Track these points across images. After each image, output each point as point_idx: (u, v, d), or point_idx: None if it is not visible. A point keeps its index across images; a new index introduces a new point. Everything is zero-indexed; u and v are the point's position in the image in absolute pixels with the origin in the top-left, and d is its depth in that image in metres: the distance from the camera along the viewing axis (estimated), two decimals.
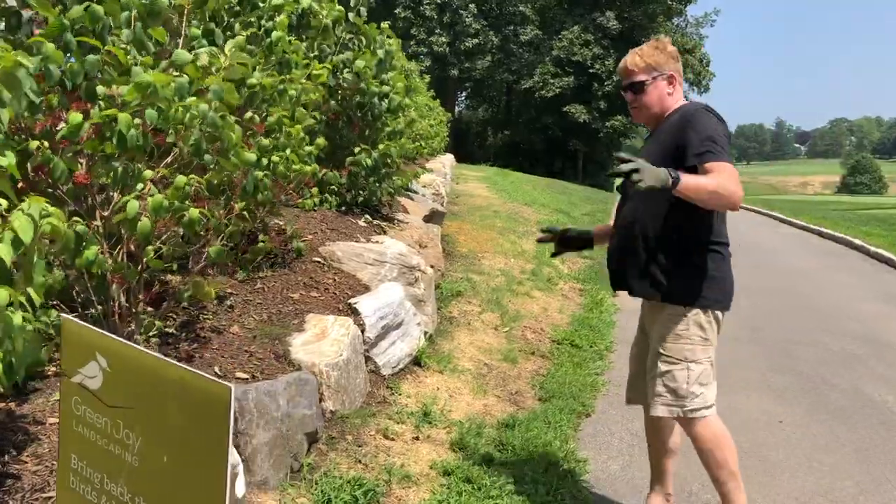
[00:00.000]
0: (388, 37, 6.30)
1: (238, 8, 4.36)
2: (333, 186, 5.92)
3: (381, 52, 5.97)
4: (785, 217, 16.16)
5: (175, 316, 3.70)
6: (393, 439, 3.67)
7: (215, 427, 1.20)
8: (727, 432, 2.84)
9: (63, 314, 1.61)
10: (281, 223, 4.72)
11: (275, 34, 4.31)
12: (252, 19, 4.46)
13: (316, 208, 5.71)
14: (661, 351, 2.79)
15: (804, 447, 4.00)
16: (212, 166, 3.30)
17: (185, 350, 3.38)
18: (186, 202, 2.99)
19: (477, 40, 34.24)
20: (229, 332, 3.68)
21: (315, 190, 4.82)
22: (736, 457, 2.83)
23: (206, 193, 3.44)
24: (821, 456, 3.89)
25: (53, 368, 2.99)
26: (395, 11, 32.75)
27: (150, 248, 3.05)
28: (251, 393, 2.97)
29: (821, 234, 13.50)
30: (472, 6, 34.11)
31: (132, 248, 3.16)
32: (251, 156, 3.29)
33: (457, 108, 42.63)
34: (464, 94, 45.00)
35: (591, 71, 35.37)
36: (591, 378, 4.97)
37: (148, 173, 2.93)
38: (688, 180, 2.49)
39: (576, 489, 3.45)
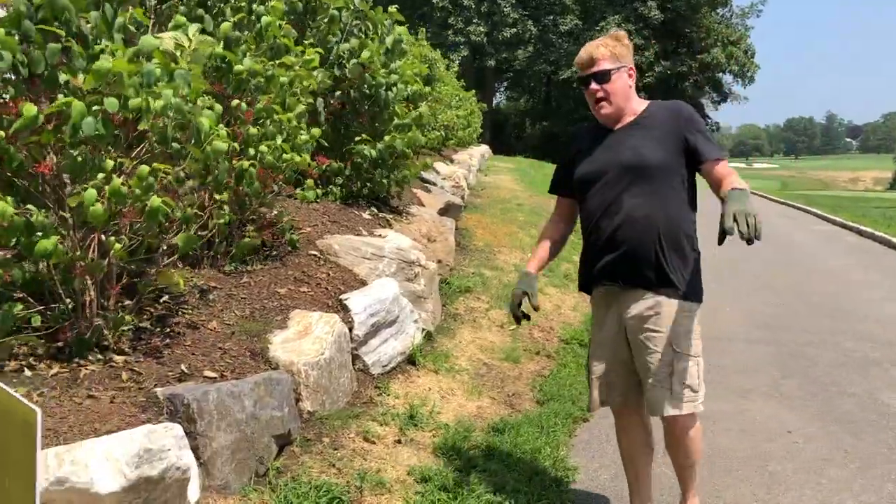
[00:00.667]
0: (397, 22, 6.13)
1: None
2: (339, 178, 5.79)
3: (388, 40, 5.81)
4: (823, 213, 15.63)
5: (152, 310, 3.60)
6: (373, 442, 3.53)
7: (25, 451, 1.08)
8: None
9: None
10: (275, 213, 4.59)
11: (264, 19, 4.18)
12: (242, 3, 4.33)
13: (318, 200, 5.59)
14: (677, 349, 2.72)
15: (807, 458, 3.76)
16: (186, 155, 3.19)
17: (156, 346, 3.27)
18: (151, 192, 2.88)
19: (515, 30, 33.81)
20: (206, 328, 3.57)
21: (310, 181, 4.68)
22: None
23: (182, 183, 3.34)
24: (824, 468, 3.64)
25: (14, 363, 2.90)
26: (433, 1, 32.50)
27: (112, 238, 2.95)
28: (212, 394, 2.85)
29: (860, 233, 13.00)
30: None
31: (103, 239, 3.07)
32: (222, 144, 3.16)
33: (495, 99, 42.31)
34: (504, 84, 44.63)
35: None
36: None
37: (109, 163, 2.83)
38: (742, 184, 2.56)
39: (559, 500, 3.27)
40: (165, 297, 3.76)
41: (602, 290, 2.92)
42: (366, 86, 5.65)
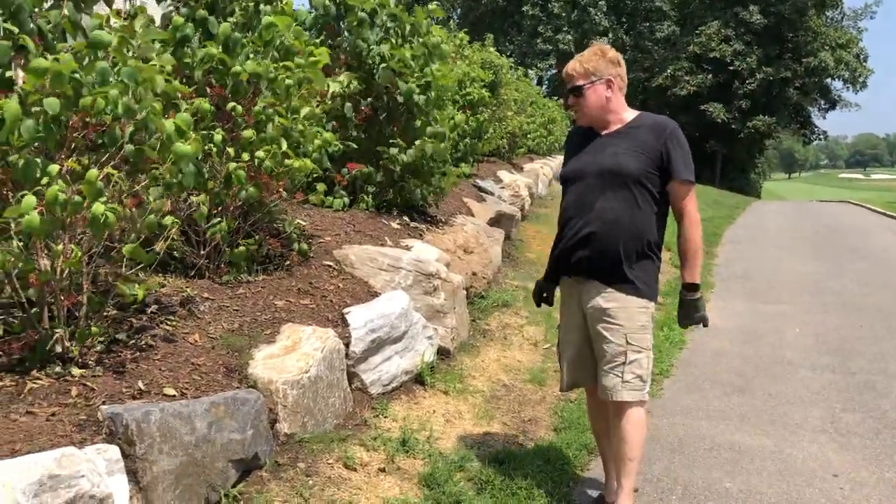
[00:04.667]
0: (434, 18, 5.88)
1: None
2: (370, 186, 5.59)
3: (423, 42, 5.56)
4: None
5: (134, 321, 3.46)
6: (354, 469, 3.27)
7: None
8: None
9: None
10: (283, 221, 4.41)
11: (265, 18, 4.00)
12: (250, 4, 4.17)
13: (345, 208, 5.40)
14: (630, 342, 2.94)
15: None
16: (150, 158, 3.03)
17: (124, 359, 3.11)
18: (101, 198, 2.72)
19: (606, 38, 33.07)
20: (186, 341, 3.39)
21: (322, 186, 4.48)
22: None
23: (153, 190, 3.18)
24: None
25: None
26: (524, 9, 32.17)
27: (60, 247, 2.79)
28: (154, 414, 2.65)
29: None
30: (601, 3, 32.96)
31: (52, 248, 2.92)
32: (185, 148, 2.96)
33: None
34: None
35: (730, 68, 33.40)
36: None
37: (54, 167, 2.68)
38: (693, 275, 3.04)
39: None
40: (153, 308, 3.62)
41: (569, 280, 3.15)
42: (397, 91, 5.42)
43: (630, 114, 3.08)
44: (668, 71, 33.66)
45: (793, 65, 34.02)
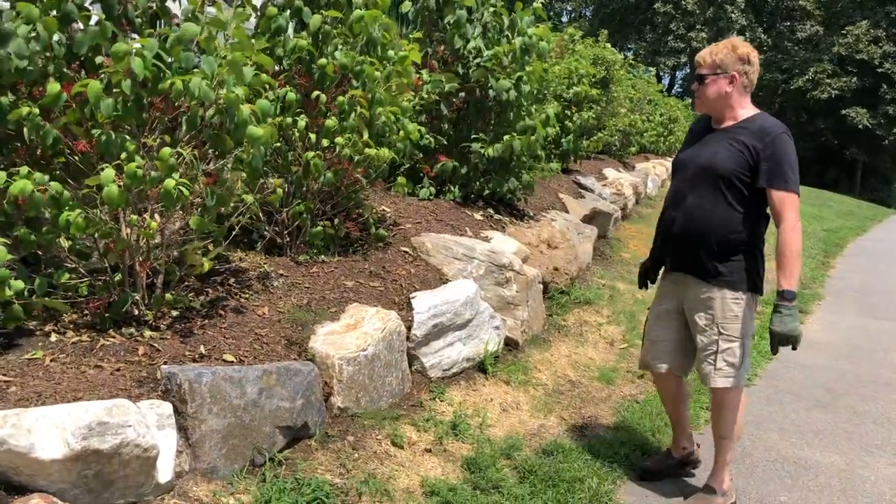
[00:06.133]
0: (539, 17, 5.89)
1: None
2: (458, 177, 5.68)
3: (517, 41, 5.59)
4: None
5: (210, 291, 3.70)
6: (401, 447, 3.38)
7: None
8: None
9: None
10: (362, 206, 4.57)
11: (356, 12, 4.15)
12: None
13: (431, 198, 5.52)
14: (723, 331, 3.09)
15: None
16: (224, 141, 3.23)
17: (193, 325, 3.35)
18: (174, 174, 2.93)
19: (742, 37, 31.71)
20: (254, 313, 3.60)
21: (402, 178, 4.61)
22: None
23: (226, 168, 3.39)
24: None
25: (49, 327, 3.08)
26: (655, 6, 31.35)
27: (134, 217, 3.04)
28: (206, 376, 2.85)
29: None
30: (739, 0, 31.64)
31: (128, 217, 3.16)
32: (258, 131, 3.14)
33: None
34: None
35: (879, 71, 31.34)
36: (691, 412, 4.26)
37: (131, 144, 2.91)
38: (789, 281, 2.91)
39: None
40: (232, 280, 3.86)
41: (668, 270, 3.34)
42: (489, 86, 5.47)
43: (747, 112, 3.10)
44: (809, 73, 31.95)
45: None
